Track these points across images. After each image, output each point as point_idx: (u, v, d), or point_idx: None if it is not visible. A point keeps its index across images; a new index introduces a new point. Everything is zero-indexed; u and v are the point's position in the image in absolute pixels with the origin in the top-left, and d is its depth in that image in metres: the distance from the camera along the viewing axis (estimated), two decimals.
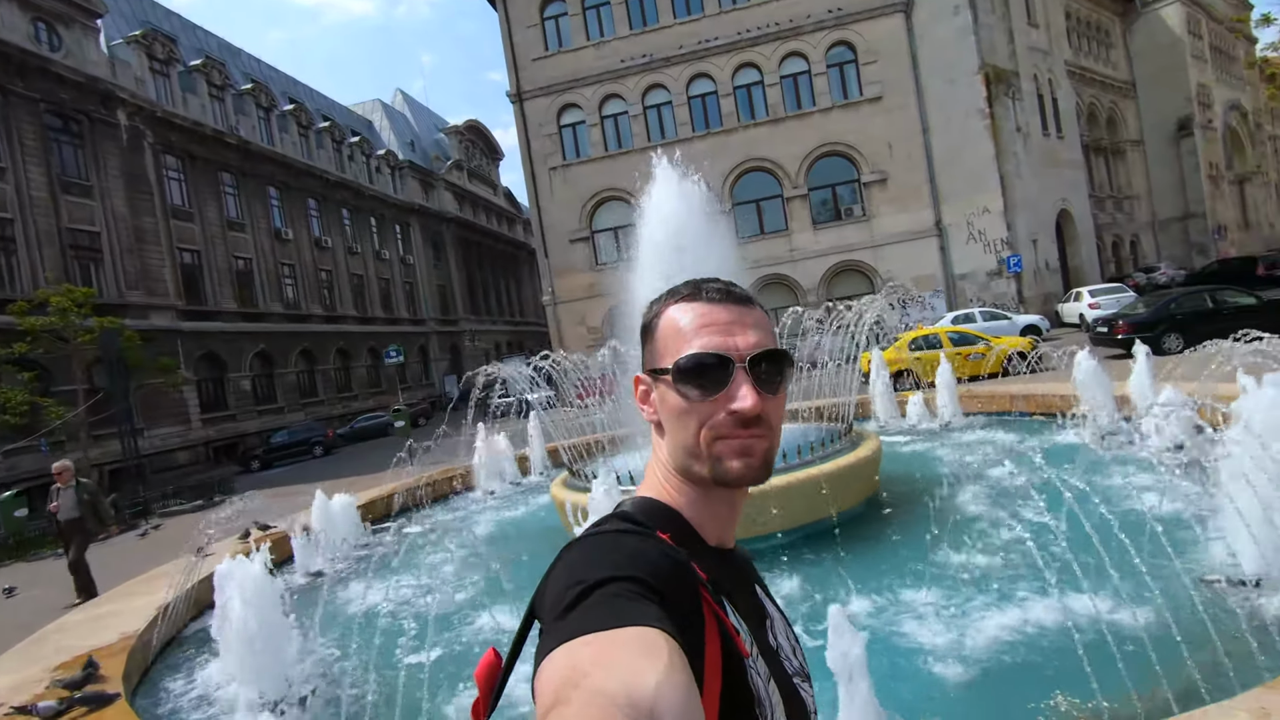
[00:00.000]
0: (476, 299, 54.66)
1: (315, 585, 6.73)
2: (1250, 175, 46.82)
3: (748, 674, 0.70)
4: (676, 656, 0.55)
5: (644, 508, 0.83)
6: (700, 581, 0.71)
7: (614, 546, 0.71)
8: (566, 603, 0.62)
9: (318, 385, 36.60)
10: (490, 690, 0.73)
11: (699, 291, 0.84)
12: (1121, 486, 5.93)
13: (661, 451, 0.86)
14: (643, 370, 0.87)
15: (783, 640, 0.87)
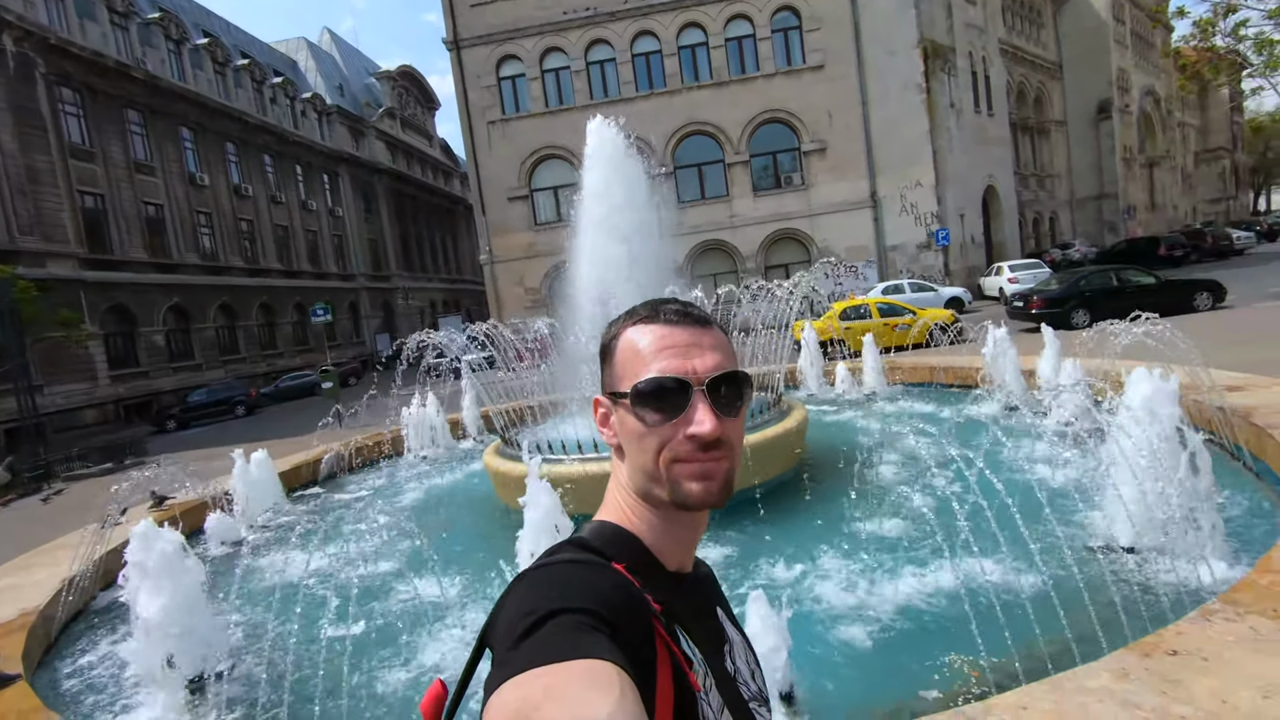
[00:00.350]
0: (411, 255, 52.88)
1: (234, 555, 6.54)
2: (1159, 159, 49.64)
3: (699, 708, 0.71)
4: (628, 689, 0.56)
5: (602, 534, 0.82)
6: (654, 614, 0.71)
7: (567, 578, 0.70)
8: (518, 633, 0.62)
9: (239, 342, 34.91)
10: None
11: (657, 313, 0.83)
12: (1021, 458, 6.35)
13: (621, 475, 0.85)
14: (602, 393, 0.86)
15: (741, 664, 0.87)
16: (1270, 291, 17.49)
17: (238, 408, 26.14)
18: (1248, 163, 64.70)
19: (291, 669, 3.94)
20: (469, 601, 4.85)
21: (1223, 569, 3.84)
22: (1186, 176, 56.56)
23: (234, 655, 4.38)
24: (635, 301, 3.52)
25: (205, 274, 32.79)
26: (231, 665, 4.24)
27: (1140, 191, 46.48)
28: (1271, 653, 2.58)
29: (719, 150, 28.85)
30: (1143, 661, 2.64)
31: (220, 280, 33.55)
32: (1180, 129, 55.24)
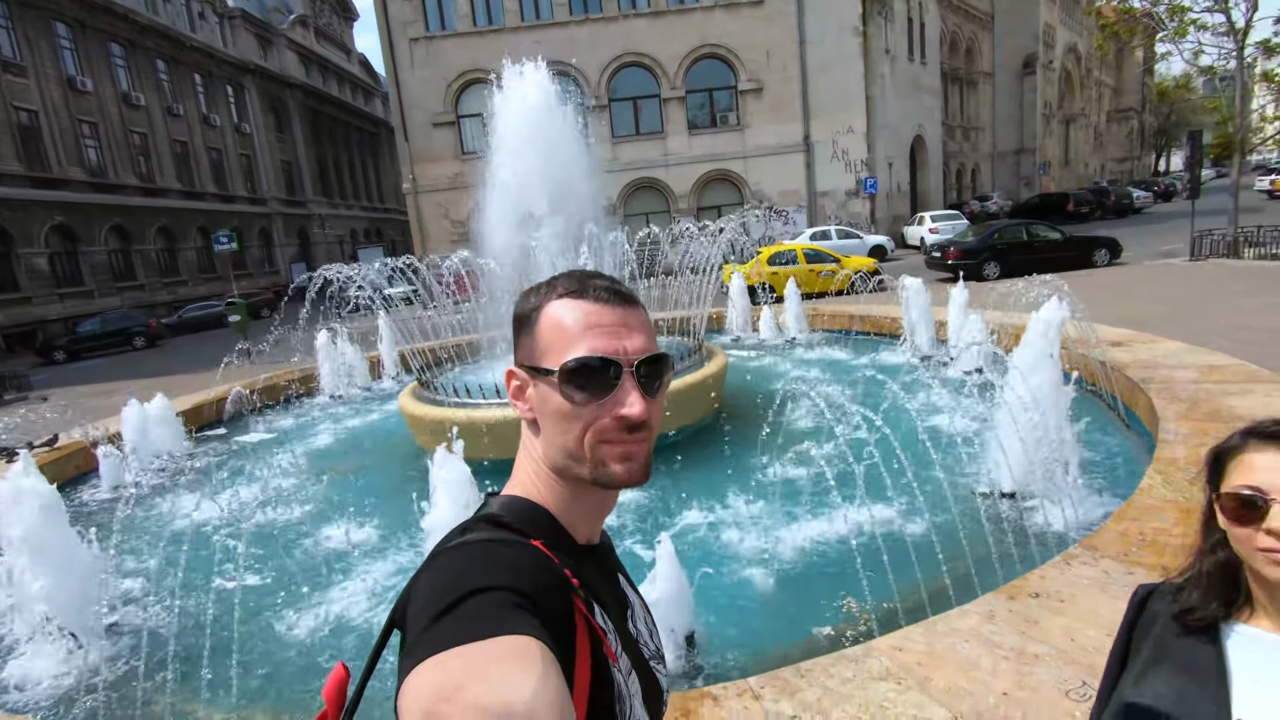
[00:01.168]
0: (329, 180, 49.77)
1: (124, 501, 6.19)
2: (1076, 116, 51.67)
3: (613, 675, 0.72)
4: (551, 665, 0.55)
5: (514, 510, 0.81)
6: (573, 590, 0.70)
7: (485, 555, 0.68)
8: (435, 612, 0.59)
9: (136, 267, 32.32)
10: (340, 709, 0.68)
11: (585, 289, 0.81)
12: (926, 406, 6.69)
13: (535, 449, 0.83)
14: (516, 364, 0.84)
15: (641, 626, 0.89)
16: (1160, 250, 18.76)
17: (136, 339, 24.40)
18: (1153, 125, 68.23)
19: (182, 620, 3.81)
20: (378, 550, 4.78)
21: (1089, 515, 4.19)
22: (1098, 135, 59.22)
23: (121, 606, 4.19)
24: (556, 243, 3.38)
25: (93, 191, 29.90)
26: (117, 618, 4.06)
27: (1056, 147, 48.43)
28: (1118, 594, 2.84)
29: (655, 84, 28.09)
30: (1008, 604, 2.86)
31: (111, 199, 30.69)
32: (1097, 87, 57.44)
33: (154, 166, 33.90)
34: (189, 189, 36.04)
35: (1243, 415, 4.76)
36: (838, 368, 8.89)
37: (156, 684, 3.45)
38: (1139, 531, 3.36)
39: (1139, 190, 38.58)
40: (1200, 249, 16.29)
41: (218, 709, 3.28)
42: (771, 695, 2.48)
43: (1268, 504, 0.96)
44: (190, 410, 8.97)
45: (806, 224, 27.77)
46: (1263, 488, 0.97)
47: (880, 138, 28.96)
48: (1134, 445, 5.31)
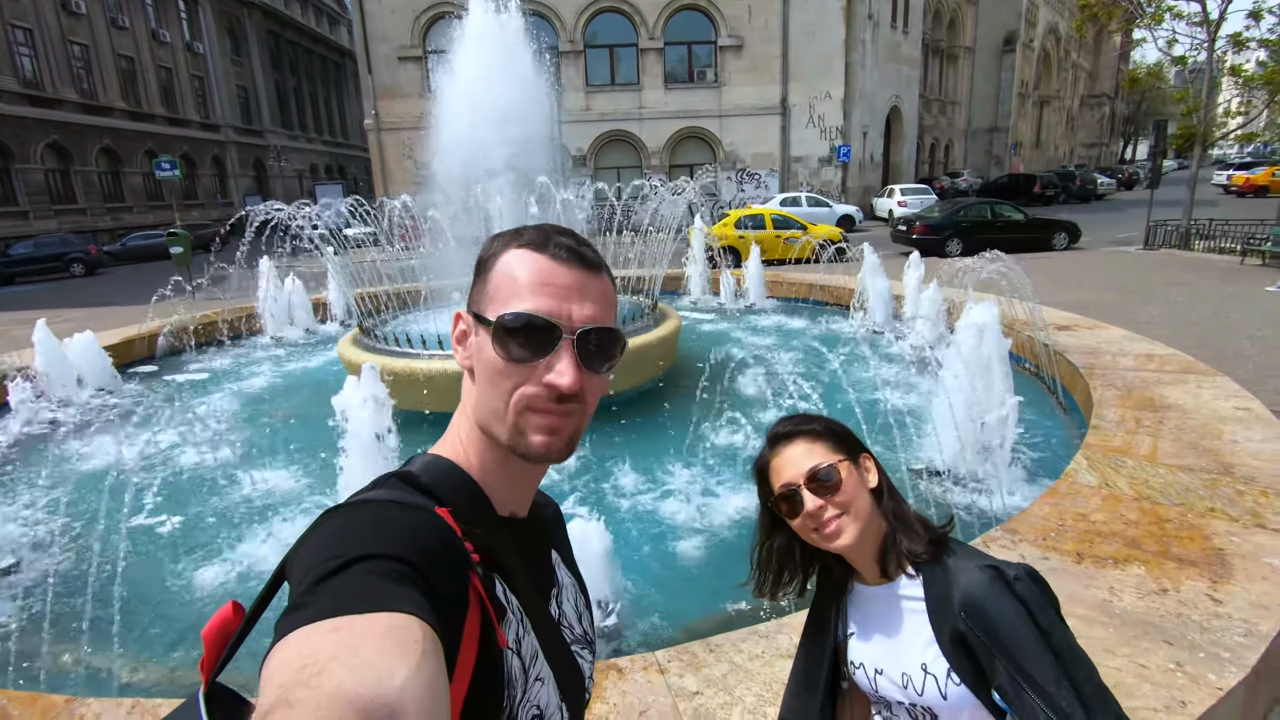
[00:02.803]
0: (288, 110, 47.47)
1: (38, 439, 5.88)
2: (1050, 98, 51.98)
3: (503, 661, 0.68)
4: (430, 650, 0.50)
5: (432, 470, 0.76)
6: (471, 566, 0.65)
7: (380, 519, 0.63)
8: (317, 575, 0.55)
9: (75, 190, 30.58)
10: (221, 649, 0.62)
11: (546, 242, 0.76)
12: (873, 379, 6.71)
13: (469, 402, 0.79)
14: (467, 308, 0.79)
15: (568, 608, 0.86)
16: (1117, 237, 19.14)
17: (74, 265, 23.23)
18: (1124, 112, 69.13)
19: (90, 567, 3.62)
20: (302, 498, 4.62)
21: (1017, 497, 4.25)
22: (1071, 118, 59.80)
23: (23, 551, 3.97)
24: (506, 193, 3.13)
25: (27, 104, 27.97)
26: (15, 562, 3.85)
27: (1029, 128, 48.78)
28: None
29: (633, 33, 27.22)
30: None
31: (46, 114, 28.79)
32: (1073, 70, 57.75)
33: (96, 82, 31.83)
34: (135, 109, 34.02)
35: (1173, 404, 4.86)
36: (791, 336, 8.87)
37: (52, 631, 3.28)
38: (1060, 517, 3.40)
39: (1104, 176, 39.21)
40: (1154, 238, 16.65)
41: (114, 657, 3.13)
42: (677, 670, 2.44)
43: (799, 491, 1.12)
44: (120, 344, 8.55)
45: (778, 189, 27.57)
46: (790, 480, 1.14)
47: (857, 106, 28.68)
48: (1069, 430, 5.41)
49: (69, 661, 3.13)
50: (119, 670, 3.06)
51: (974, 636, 1.02)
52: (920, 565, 1.13)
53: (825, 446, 1.14)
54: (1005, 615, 1.00)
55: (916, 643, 1.11)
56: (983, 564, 1.07)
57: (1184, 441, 4.21)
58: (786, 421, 1.20)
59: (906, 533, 1.15)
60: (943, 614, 1.07)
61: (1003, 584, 1.03)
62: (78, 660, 3.12)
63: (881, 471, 1.19)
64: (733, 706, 2.26)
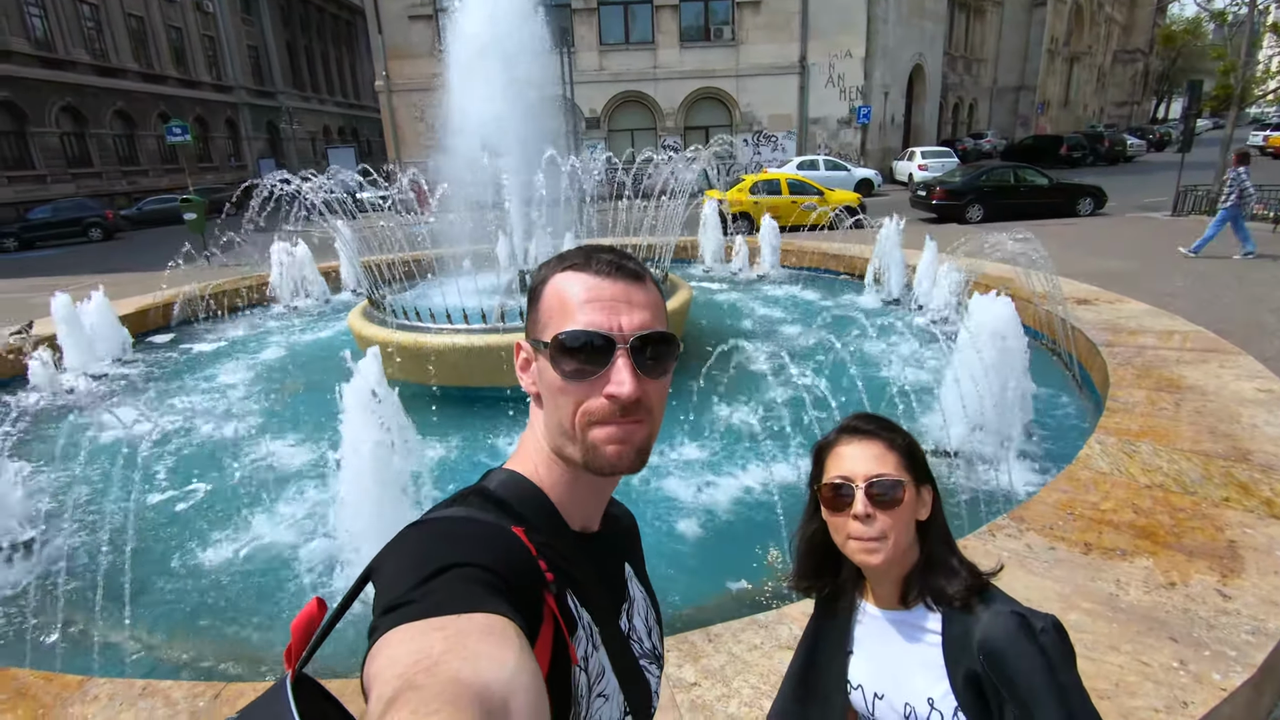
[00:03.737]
0: (300, 71, 46.93)
1: (56, 410, 5.98)
2: (1081, 55, 50.07)
3: (571, 677, 0.70)
4: (526, 648, 0.54)
5: (508, 486, 0.79)
6: (545, 584, 0.69)
7: (466, 532, 0.69)
8: (414, 581, 0.58)
9: (91, 153, 30.63)
10: (306, 641, 0.66)
11: (589, 261, 0.79)
12: (884, 352, 6.62)
13: (538, 423, 0.82)
14: (525, 337, 0.82)
15: (638, 623, 0.88)
16: (1143, 202, 18.58)
17: (92, 230, 23.36)
18: (1158, 69, 66.48)
19: (107, 539, 3.70)
20: (313, 472, 4.67)
21: (1029, 480, 4.20)
22: (1102, 76, 57.66)
23: (43, 523, 4.06)
24: (520, 157, 3.05)
25: (41, 66, 27.86)
26: (36, 534, 3.94)
27: (1057, 86, 47.13)
28: (1034, 570, 2.85)
29: None
30: None
31: (60, 76, 28.68)
32: (1106, 25, 55.46)
33: (107, 42, 31.59)
34: (147, 70, 33.80)
35: (1192, 385, 4.75)
36: (804, 308, 8.76)
37: (65, 602, 3.37)
38: (1069, 503, 3.35)
39: (1133, 137, 37.90)
40: (1183, 204, 16.13)
41: (125, 629, 3.22)
42: (676, 660, 2.45)
43: (854, 491, 1.07)
44: (135, 314, 8.64)
45: (796, 152, 26.98)
46: (849, 476, 1.08)
47: (878, 64, 27.79)
48: (1085, 410, 5.31)
49: (83, 639, 3.22)
50: (130, 649, 3.15)
51: (989, 681, 1.01)
52: (949, 603, 1.11)
53: (898, 460, 1.09)
54: (1025, 665, 0.99)
55: (925, 676, 1.10)
56: (1010, 610, 1.05)
57: (1202, 425, 4.12)
58: (869, 419, 1.15)
59: (945, 575, 1.11)
60: (959, 652, 1.06)
61: (1027, 633, 1.02)
62: (91, 638, 3.21)
63: (937, 507, 1.15)
64: (730, 699, 2.27)
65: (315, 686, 0.67)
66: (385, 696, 0.46)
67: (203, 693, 2.42)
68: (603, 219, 10.74)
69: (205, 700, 2.37)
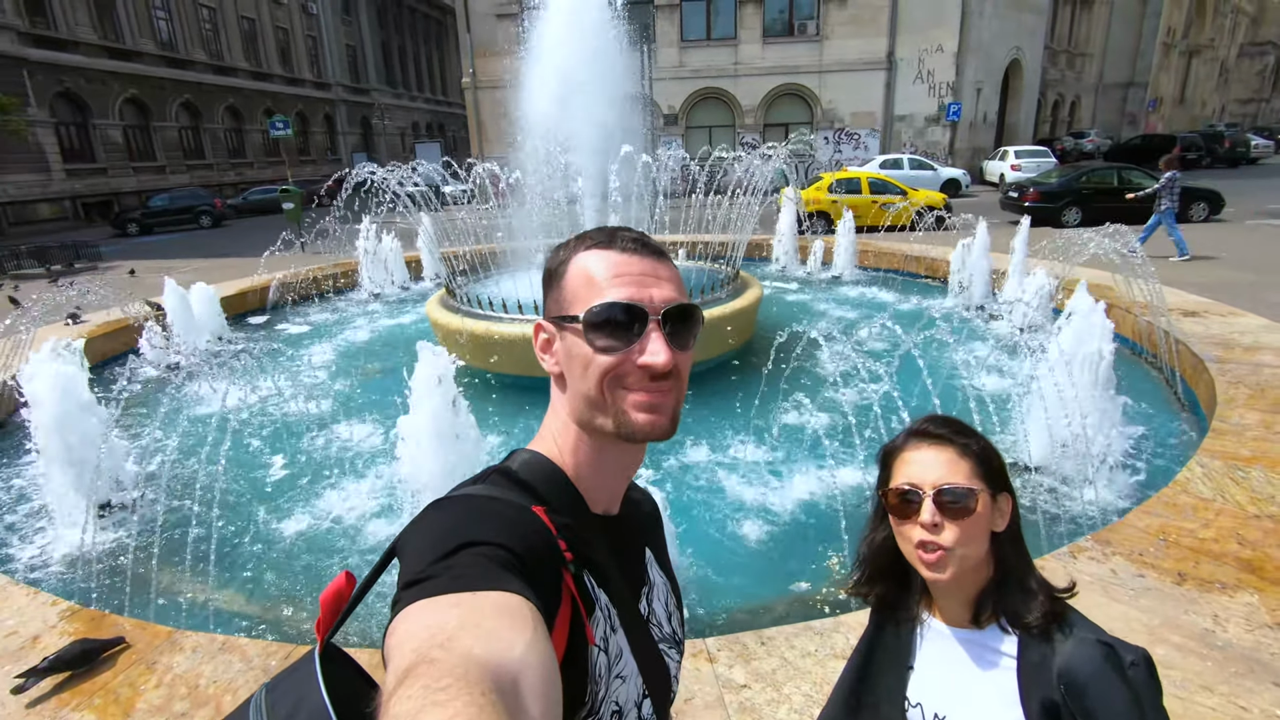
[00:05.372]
0: (393, 69, 48.99)
1: (163, 383, 6.46)
2: (1201, 48, 46.29)
3: (589, 658, 0.72)
4: (540, 626, 0.55)
5: (531, 467, 0.81)
6: (564, 564, 0.70)
7: (485, 511, 0.69)
8: (433, 557, 0.60)
9: (204, 146, 32.97)
10: (335, 614, 0.70)
11: (613, 240, 0.81)
12: (965, 360, 6.32)
13: (561, 405, 0.83)
14: (545, 317, 0.83)
15: (658, 606, 0.89)
16: (1267, 209, 17.02)
17: (202, 217, 25.12)
18: None
19: (199, 504, 3.97)
20: (385, 452, 4.87)
21: (1115, 504, 3.92)
22: (1224, 71, 53.13)
23: (142, 486, 4.40)
24: (596, 155, 3.11)
25: (165, 65, 30.21)
26: (139, 496, 4.27)
27: (1171, 83, 43.75)
28: (1119, 597, 2.65)
29: None
30: None
31: (181, 74, 31.00)
32: (1233, 15, 51.03)
33: (222, 43, 33.90)
34: (256, 69, 36.06)
35: None
36: (879, 310, 8.46)
37: (159, 558, 3.64)
38: (1162, 529, 3.11)
39: (1258, 137, 34.68)
40: None
41: (206, 589, 3.45)
42: (727, 660, 2.42)
43: (922, 498, 1.01)
44: (235, 296, 9.23)
45: (879, 150, 26.12)
46: (917, 483, 1.02)
47: (971, 59, 26.50)
48: (1187, 431, 4.91)
49: (172, 593, 3.46)
50: (213, 604, 3.37)
51: (1068, 713, 0.94)
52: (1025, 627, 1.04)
53: (971, 468, 1.03)
54: (1110, 701, 0.92)
55: (997, 701, 1.03)
56: (1097, 638, 0.98)
57: None
58: (941, 422, 1.08)
59: (1022, 595, 1.04)
60: (1036, 679, 0.99)
61: (1115, 666, 0.94)
62: (180, 593, 3.45)
63: (1015, 518, 1.07)
64: (780, 704, 2.22)
65: (344, 657, 0.69)
66: (401, 668, 0.47)
67: (275, 652, 2.57)
68: (675, 215, 10.72)
69: (277, 660, 2.51)
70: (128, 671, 2.50)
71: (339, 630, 0.69)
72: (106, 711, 2.31)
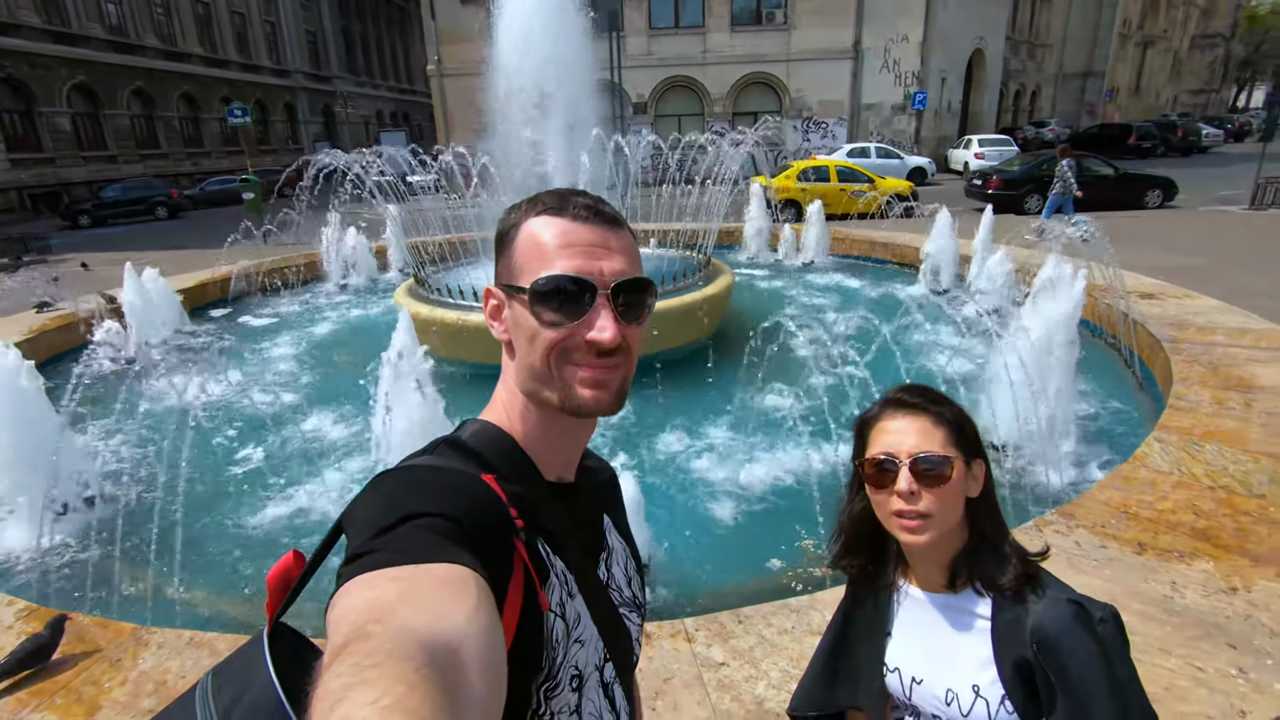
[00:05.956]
0: (355, 56, 47.89)
1: (119, 376, 6.25)
2: (1155, 39, 47.51)
3: (545, 625, 0.70)
4: (484, 598, 0.54)
5: (481, 437, 0.78)
6: (515, 531, 0.68)
7: (433, 481, 0.68)
8: (377, 531, 0.58)
9: (159, 135, 31.90)
10: (284, 594, 0.67)
11: (565, 206, 0.77)
12: (931, 344, 6.44)
13: (510, 373, 0.81)
14: (495, 283, 0.80)
15: (618, 572, 0.88)
16: (1219, 195, 17.57)
17: (158, 208, 24.34)
18: (1240, 55, 62.55)
19: (160, 500, 3.86)
20: (355, 444, 4.79)
21: (1077, 479, 4.03)
22: (1177, 62, 54.62)
23: (101, 483, 4.26)
24: (564, 140, 3.05)
25: (114, 51, 29.08)
26: (96, 493, 4.14)
27: (1128, 73, 44.87)
28: (1083, 568, 2.73)
29: None
30: None
31: (132, 60, 29.88)
32: (1185, 7, 52.44)
33: (175, 28, 32.77)
34: (211, 55, 34.96)
35: (1265, 385, 4.49)
36: (850, 296, 8.57)
37: (121, 556, 3.54)
38: (1123, 502, 3.21)
39: (1209, 127, 35.79)
40: (1262, 197, 15.19)
41: (176, 589, 3.36)
42: (705, 639, 2.43)
43: (898, 467, 1.02)
44: (194, 288, 8.97)
45: (846, 139, 26.35)
46: (893, 452, 1.03)
47: (936, 49, 26.85)
48: (1144, 409, 5.07)
49: (136, 591, 3.37)
50: (180, 601, 3.28)
51: (1041, 670, 0.97)
52: (999, 590, 1.05)
53: (946, 435, 1.04)
54: (1081, 656, 0.95)
55: (970, 661, 1.05)
56: (1067, 597, 1.00)
57: (1274, 427, 3.89)
58: (914, 391, 1.09)
59: (996, 559, 1.05)
60: (1010, 639, 1.01)
61: (1085, 623, 0.97)
62: (144, 590, 3.35)
63: (989, 483, 1.09)
64: (758, 680, 2.24)
65: (295, 636, 0.67)
66: (336, 645, 0.46)
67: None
68: (645, 203, 10.68)
69: None
70: (91, 670, 2.42)
71: (288, 610, 0.67)
72: (69, 711, 2.24)
